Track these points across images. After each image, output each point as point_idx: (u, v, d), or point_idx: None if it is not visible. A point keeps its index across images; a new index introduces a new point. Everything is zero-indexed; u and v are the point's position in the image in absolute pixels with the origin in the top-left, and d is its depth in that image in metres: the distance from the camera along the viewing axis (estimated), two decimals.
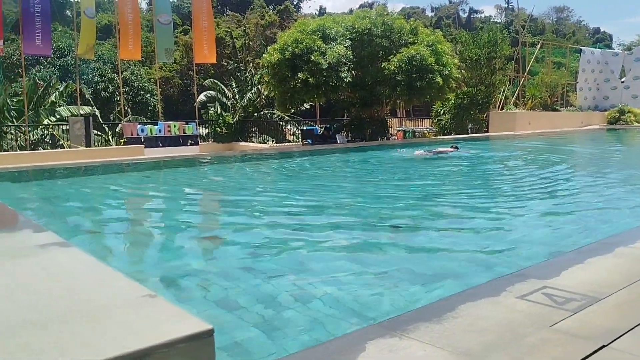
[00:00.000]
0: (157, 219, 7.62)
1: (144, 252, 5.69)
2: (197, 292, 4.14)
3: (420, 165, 13.13)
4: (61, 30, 34.39)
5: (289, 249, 5.38)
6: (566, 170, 12.05)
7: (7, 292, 1.87)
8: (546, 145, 18.92)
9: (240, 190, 10.01)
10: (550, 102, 29.82)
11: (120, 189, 10.45)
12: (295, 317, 3.52)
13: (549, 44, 39.26)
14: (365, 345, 2.49)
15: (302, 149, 17.14)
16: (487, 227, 6.22)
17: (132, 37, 18.04)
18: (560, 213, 7.06)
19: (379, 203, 8.03)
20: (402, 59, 17.10)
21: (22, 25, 15.99)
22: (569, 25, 77.79)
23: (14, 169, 11.54)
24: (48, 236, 2.78)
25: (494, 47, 22.29)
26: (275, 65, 17.20)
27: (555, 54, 41.57)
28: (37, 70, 26.81)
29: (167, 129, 16.87)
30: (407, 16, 25.69)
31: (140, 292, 1.83)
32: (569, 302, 3.01)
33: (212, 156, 15.71)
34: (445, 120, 23.77)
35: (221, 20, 40.81)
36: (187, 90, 32.26)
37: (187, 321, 1.57)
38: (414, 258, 5.00)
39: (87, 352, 1.37)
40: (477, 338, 2.54)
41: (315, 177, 11.90)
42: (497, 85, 23.61)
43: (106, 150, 16.00)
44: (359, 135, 19.57)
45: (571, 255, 4.19)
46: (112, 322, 1.56)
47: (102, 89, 27.11)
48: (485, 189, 9.84)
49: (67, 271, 2.15)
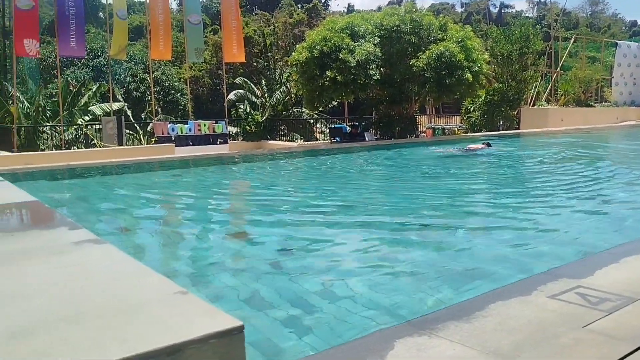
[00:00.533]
0: (186, 216, 7.73)
1: (174, 249, 5.78)
2: (226, 289, 4.19)
3: (452, 162, 12.99)
4: (94, 32, 35.13)
5: (318, 247, 5.40)
6: (602, 168, 11.77)
7: (45, 288, 1.93)
8: (580, 142, 18.51)
9: (268, 188, 10.07)
10: (583, 98, 29.12)
11: (151, 187, 10.63)
12: (323, 315, 3.54)
13: (583, 39, 38.34)
14: (394, 343, 2.48)
15: (331, 147, 17.14)
16: (520, 227, 6.12)
17: (162, 37, 18.32)
18: (596, 211, 6.91)
19: (408, 201, 7.98)
20: (430, 55, 16.95)
21: (58, 28, 16.39)
22: (604, 19, 75.85)
23: (49, 168, 11.85)
24: (82, 233, 2.85)
25: (526, 43, 21.89)
26: (304, 64, 17.24)
27: (589, 48, 40.56)
28: (72, 71, 27.45)
29: (197, 127, 17.08)
30: (437, 12, 25.45)
31: (173, 289, 1.87)
32: (603, 302, 2.95)
33: (241, 154, 15.85)
34: (475, 117, 23.47)
35: (250, 19, 41.08)
36: (217, 90, 32.57)
37: (218, 317, 1.60)
38: (444, 256, 4.96)
39: (122, 347, 1.41)
40: (507, 337, 2.51)
41: (343, 175, 11.90)
42: (529, 81, 23.20)
43: (138, 149, 16.29)
44: (387, 133, 19.46)
45: (606, 255, 4.10)
46: (146, 318, 1.60)
47: (134, 88, 27.60)
48: (519, 187, 9.69)
49: (101, 267, 2.20)
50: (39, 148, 17.65)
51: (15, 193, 4.53)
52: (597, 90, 31.72)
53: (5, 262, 2.28)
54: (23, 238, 2.79)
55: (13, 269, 2.19)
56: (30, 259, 2.33)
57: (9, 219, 3.68)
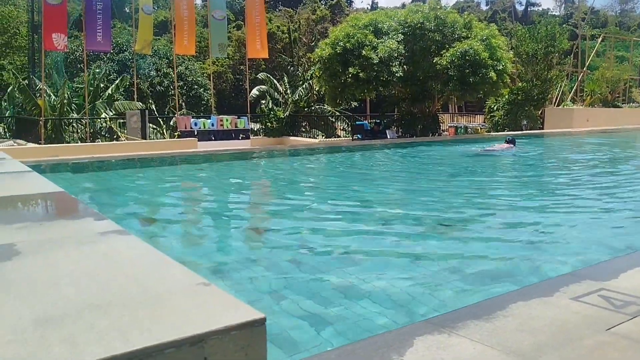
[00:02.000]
0: (208, 209, 7.81)
1: (196, 241, 5.84)
2: (246, 282, 4.22)
3: (478, 162, 12.86)
4: (120, 27, 35.55)
5: (338, 244, 5.41)
6: (629, 170, 11.56)
7: (72, 277, 1.97)
8: (606, 143, 18.19)
9: (290, 184, 10.11)
10: (610, 98, 28.59)
11: (174, 180, 10.75)
12: (343, 311, 3.55)
13: (611, 37, 37.61)
14: (414, 340, 2.48)
15: (352, 144, 17.13)
16: (539, 230, 6.05)
17: (187, 32, 18.46)
18: (622, 214, 6.79)
19: (430, 200, 7.94)
20: (454, 53, 16.80)
21: (85, 23, 16.64)
22: (634, 17, 74.25)
23: (74, 160, 12.06)
24: (107, 224, 2.90)
25: (552, 42, 21.57)
26: (327, 60, 17.23)
27: (617, 47, 39.77)
28: (97, 65, 27.85)
29: (220, 123, 17.20)
30: (461, 10, 25.18)
31: (195, 280, 1.89)
32: (627, 305, 2.90)
33: (262, 150, 15.93)
34: (499, 117, 23.22)
35: (273, 15, 41.18)
36: (240, 85, 32.74)
37: (240, 309, 1.62)
38: (465, 256, 4.93)
39: (146, 335, 1.44)
40: (528, 338, 2.49)
41: (364, 172, 11.88)
42: (554, 81, 22.86)
43: (161, 143, 16.47)
44: (409, 131, 19.36)
45: (630, 257, 4.04)
46: (169, 308, 1.63)
47: (158, 83, 27.88)
48: (539, 188, 9.57)
49: (126, 258, 2.24)
50: (64, 140, 17.95)
51: (43, 184, 4.63)
52: (625, 91, 31.11)
53: (35, 251, 2.33)
54: (51, 228, 2.86)
55: (43, 258, 2.24)
56: (58, 249, 2.39)
57: (37, 208, 3.77)
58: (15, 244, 2.43)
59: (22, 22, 28.89)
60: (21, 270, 2.07)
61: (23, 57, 28.30)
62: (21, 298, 1.74)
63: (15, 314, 1.60)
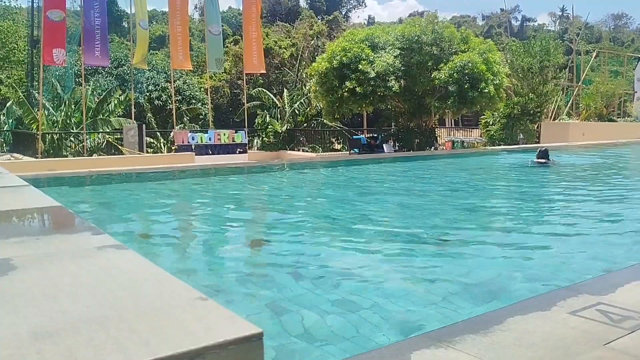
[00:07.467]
0: (206, 224, 7.80)
1: (194, 256, 5.82)
2: (244, 296, 4.21)
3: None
4: (118, 41, 35.72)
5: (335, 258, 5.40)
6: (625, 183, 11.61)
7: (70, 291, 1.97)
8: (602, 157, 18.26)
9: (287, 199, 10.11)
10: (605, 113, 28.76)
11: (170, 194, 10.74)
12: (339, 325, 3.54)
13: (605, 52, 37.95)
14: (411, 355, 2.48)
15: (349, 159, 17.15)
16: (536, 245, 6.06)
17: (181, 47, 18.58)
18: (618, 229, 6.81)
19: (427, 214, 7.95)
20: (453, 67, 16.71)
21: (83, 38, 16.72)
22: (628, 33, 75.04)
23: (71, 174, 12.03)
24: (104, 238, 2.90)
25: (547, 56, 21.75)
26: (323, 74, 17.30)
27: (612, 62, 40.11)
28: (96, 79, 27.91)
29: (217, 137, 17.23)
30: (458, 25, 25.25)
31: (193, 295, 1.89)
32: (625, 320, 2.90)
33: (260, 164, 15.93)
34: (494, 131, 23.30)
35: (270, 30, 41.43)
36: (237, 99, 32.84)
37: (238, 324, 1.62)
38: (460, 271, 4.93)
39: (144, 350, 1.44)
40: (526, 353, 2.49)
41: (361, 187, 11.89)
42: (549, 95, 23.00)
43: (158, 157, 16.49)
44: (406, 145, 19.40)
45: (628, 271, 4.05)
46: (167, 322, 1.63)
47: (156, 97, 27.94)
48: (536, 201, 9.60)
49: (124, 272, 2.24)
50: (62, 155, 17.94)
51: (40, 198, 4.62)
52: (619, 105, 31.32)
53: (32, 266, 2.33)
54: (48, 242, 2.85)
55: (40, 272, 2.24)
56: (56, 263, 2.39)
57: (34, 223, 3.76)
58: (12, 258, 2.43)
59: (21, 36, 29.03)
60: (18, 284, 2.07)
61: (21, 71, 28.39)
62: (18, 312, 1.74)
63: (13, 328, 1.60)
